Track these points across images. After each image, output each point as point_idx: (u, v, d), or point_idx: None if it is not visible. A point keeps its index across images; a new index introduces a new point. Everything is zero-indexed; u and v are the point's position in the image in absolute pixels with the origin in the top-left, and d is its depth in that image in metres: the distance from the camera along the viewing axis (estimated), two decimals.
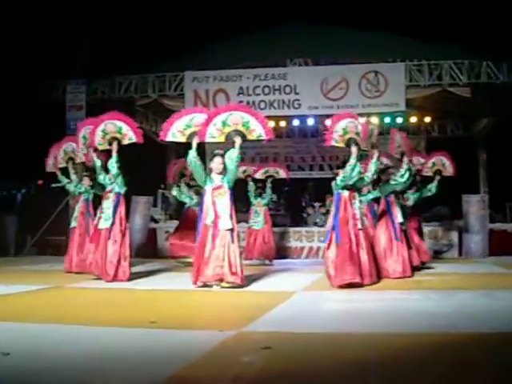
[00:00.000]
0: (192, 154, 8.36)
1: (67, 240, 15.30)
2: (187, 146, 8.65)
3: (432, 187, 11.45)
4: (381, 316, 5.75)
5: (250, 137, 8.44)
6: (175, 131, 8.71)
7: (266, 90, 15.23)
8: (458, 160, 11.96)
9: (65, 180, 11.27)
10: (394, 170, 9.87)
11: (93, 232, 9.69)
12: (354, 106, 14.95)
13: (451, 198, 15.01)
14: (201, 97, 15.40)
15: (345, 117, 8.49)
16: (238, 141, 8.28)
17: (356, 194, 8.60)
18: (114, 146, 9.25)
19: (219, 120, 8.26)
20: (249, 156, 18.51)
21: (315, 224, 15.89)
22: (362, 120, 8.94)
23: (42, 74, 15.70)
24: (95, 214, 10.26)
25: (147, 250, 14.99)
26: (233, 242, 8.13)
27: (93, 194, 10.95)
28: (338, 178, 8.42)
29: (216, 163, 8.35)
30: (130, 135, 9.33)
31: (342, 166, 8.48)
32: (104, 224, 9.26)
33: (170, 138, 8.79)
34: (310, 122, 18.16)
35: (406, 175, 9.54)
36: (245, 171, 13.52)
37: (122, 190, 9.45)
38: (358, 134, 8.33)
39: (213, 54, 15.55)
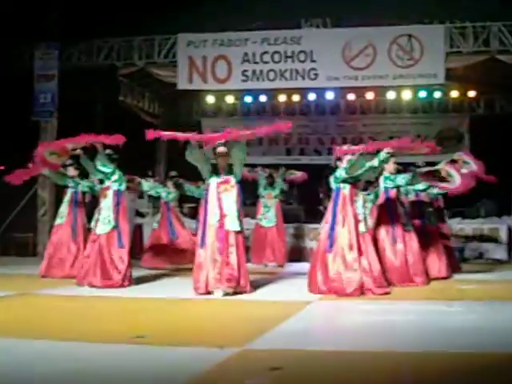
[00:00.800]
0: (191, 149, 8.55)
1: (35, 237, 15.42)
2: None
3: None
4: (413, 332, 5.77)
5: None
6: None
7: (276, 57, 15.19)
8: (508, 142, 11.93)
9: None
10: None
11: (90, 239, 9.77)
12: (383, 76, 14.91)
13: (499, 191, 14.97)
14: (197, 65, 15.38)
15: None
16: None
17: (358, 191, 8.92)
18: (98, 146, 9.52)
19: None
20: (255, 138, 18.49)
21: None
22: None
23: (4, 36, 15.68)
24: (89, 214, 10.54)
25: (132, 250, 15.00)
26: (240, 245, 8.46)
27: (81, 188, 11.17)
28: (339, 171, 8.66)
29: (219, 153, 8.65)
30: (110, 139, 9.51)
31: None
32: (103, 228, 9.43)
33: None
34: (329, 95, 18.13)
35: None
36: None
37: (122, 187, 9.69)
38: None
39: (212, 12, 15.51)
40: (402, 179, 9.74)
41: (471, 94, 18.71)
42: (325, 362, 4.74)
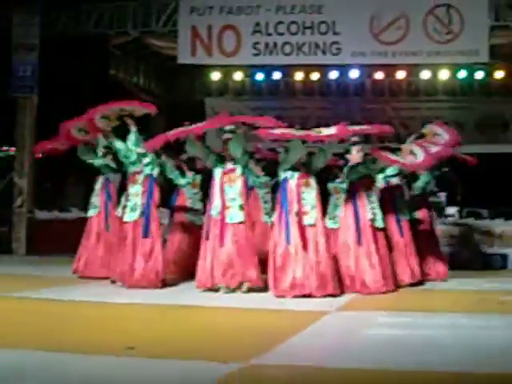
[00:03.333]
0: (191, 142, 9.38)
1: (9, 232, 15.43)
2: None
3: None
4: (447, 349, 5.76)
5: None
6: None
7: (293, 28, 15.17)
8: None
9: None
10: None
11: (117, 226, 10.18)
12: (417, 53, 14.88)
13: None
14: (201, 36, 15.37)
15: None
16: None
17: (311, 180, 9.27)
18: (130, 121, 9.98)
19: None
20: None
21: None
22: None
23: None
24: (118, 201, 10.78)
25: None
26: (243, 236, 9.18)
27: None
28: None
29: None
30: (141, 108, 10.20)
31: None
32: (131, 215, 9.77)
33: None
34: (354, 74, 18.14)
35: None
36: None
37: (155, 172, 9.99)
38: None
39: None
40: (364, 168, 9.83)
41: None
42: (341, 381, 4.76)
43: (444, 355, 5.50)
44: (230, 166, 9.32)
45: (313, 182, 9.26)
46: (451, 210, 15.72)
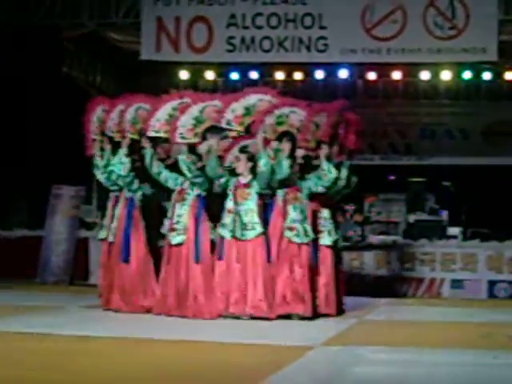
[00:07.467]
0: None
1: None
2: None
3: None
4: None
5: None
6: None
7: (273, 21, 15.21)
8: None
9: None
10: None
11: (166, 249, 10.25)
12: (414, 50, 14.95)
13: None
14: (167, 29, 15.37)
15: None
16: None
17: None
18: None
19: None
20: None
21: (347, 239, 15.83)
22: None
23: None
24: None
25: (74, 273, 15.03)
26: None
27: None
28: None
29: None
30: None
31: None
32: (180, 238, 10.03)
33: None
34: (343, 74, 18.14)
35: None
36: None
37: (204, 192, 10.10)
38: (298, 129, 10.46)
39: None
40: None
41: None
42: None
43: None
44: (243, 180, 9.99)
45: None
46: (454, 231, 15.80)
